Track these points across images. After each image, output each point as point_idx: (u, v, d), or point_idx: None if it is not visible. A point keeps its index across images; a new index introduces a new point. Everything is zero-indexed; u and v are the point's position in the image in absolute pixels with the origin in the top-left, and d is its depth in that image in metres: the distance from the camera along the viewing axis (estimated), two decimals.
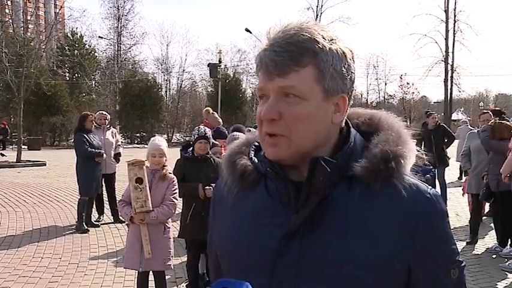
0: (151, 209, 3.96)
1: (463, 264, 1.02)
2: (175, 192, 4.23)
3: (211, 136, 5.01)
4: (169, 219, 4.21)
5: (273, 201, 1.01)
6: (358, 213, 0.94)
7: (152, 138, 4.47)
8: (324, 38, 0.94)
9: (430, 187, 1.00)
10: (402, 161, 0.97)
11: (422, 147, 8.63)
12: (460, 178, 12.31)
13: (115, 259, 5.87)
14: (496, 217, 6.41)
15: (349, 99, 1.00)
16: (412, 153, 1.00)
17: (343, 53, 0.96)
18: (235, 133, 5.21)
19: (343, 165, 0.97)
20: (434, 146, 8.53)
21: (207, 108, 8.56)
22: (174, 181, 4.24)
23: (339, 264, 0.92)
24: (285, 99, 0.94)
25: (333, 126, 0.99)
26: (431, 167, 7.44)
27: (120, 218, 7.42)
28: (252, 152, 1.07)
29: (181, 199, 4.57)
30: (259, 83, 0.97)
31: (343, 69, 0.96)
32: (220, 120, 7.92)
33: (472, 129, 9.62)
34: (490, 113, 7.25)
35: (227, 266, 1.08)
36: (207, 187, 4.48)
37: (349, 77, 0.98)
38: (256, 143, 1.09)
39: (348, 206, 0.94)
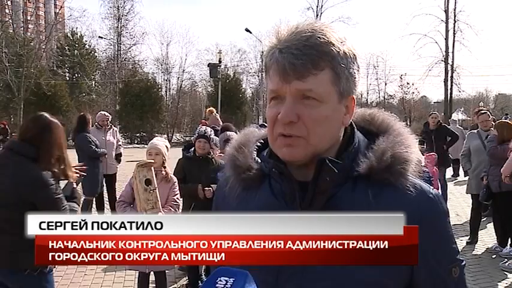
0: (160, 210, 3.97)
1: (463, 263, 1.03)
2: (177, 193, 4.24)
3: (213, 135, 5.00)
4: None
5: (277, 200, 1.01)
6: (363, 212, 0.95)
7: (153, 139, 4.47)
8: (337, 40, 0.95)
9: (432, 187, 1.02)
10: (408, 164, 0.99)
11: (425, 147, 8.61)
12: (454, 175, 12.24)
13: None
14: (496, 217, 6.41)
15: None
16: (416, 157, 1.02)
17: (354, 54, 0.97)
18: (227, 132, 5.23)
19: (348, 166, 0.98)
20: (435, 147, 8.48)
21: (210, 108, 8.67)
22: (175, 182, 4.26)
23: None
24: (302, 101, 0.94)
25: (342, 128, 1.00)
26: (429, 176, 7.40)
27: None
28: (255, 152, 1.08)
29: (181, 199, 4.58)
30: (272, 84, 0.97)
31: (354, 70, 0.98)
32: (220, 121, 8.02)
33: (460, 128, 9.57)
34: (488, 113, 7.23)
35: None
36: (207, 188, 4.49)
37: (357, 77, 0.99)
38: (258, 144, 1.10)
39: (352, 206, 0.94)
